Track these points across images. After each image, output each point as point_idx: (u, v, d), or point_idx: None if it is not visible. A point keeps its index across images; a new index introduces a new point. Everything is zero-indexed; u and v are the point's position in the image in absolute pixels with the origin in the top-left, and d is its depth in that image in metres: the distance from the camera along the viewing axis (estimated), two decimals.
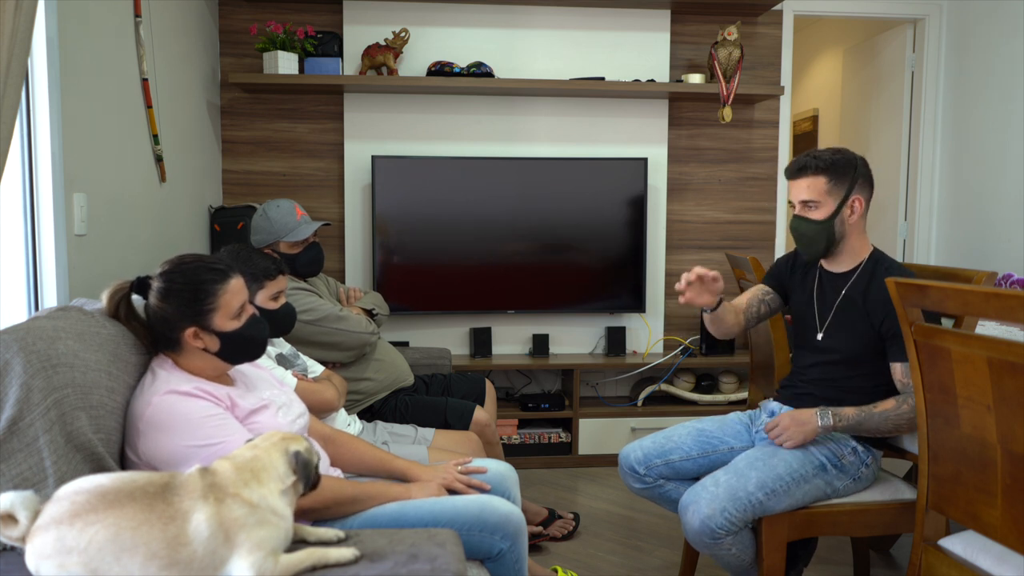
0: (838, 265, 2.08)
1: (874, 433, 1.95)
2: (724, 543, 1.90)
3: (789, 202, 2.06)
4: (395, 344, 3.20)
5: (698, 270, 1.95)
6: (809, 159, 1.99)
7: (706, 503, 1.87)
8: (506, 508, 1.69)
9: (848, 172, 1.98)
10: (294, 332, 2.32)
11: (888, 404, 1.93)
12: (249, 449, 1.31)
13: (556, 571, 2.35)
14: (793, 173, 2.03)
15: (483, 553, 1.66)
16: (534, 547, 2.68)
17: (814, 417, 1.94)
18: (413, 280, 3.64)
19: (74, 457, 1.37)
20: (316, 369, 2.26)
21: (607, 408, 3.68)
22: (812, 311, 2.12)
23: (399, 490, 1.72)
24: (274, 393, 1.70)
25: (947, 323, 1.94)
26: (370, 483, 1.73)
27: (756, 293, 2.26)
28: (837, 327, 2.04)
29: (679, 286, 1.97)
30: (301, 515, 1.50)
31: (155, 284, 1.54)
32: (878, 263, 2.02)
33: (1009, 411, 1.44)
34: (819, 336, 2.08)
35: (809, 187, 1.99)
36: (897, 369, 1.95)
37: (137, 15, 2.59)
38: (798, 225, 2.03)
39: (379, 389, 2.62)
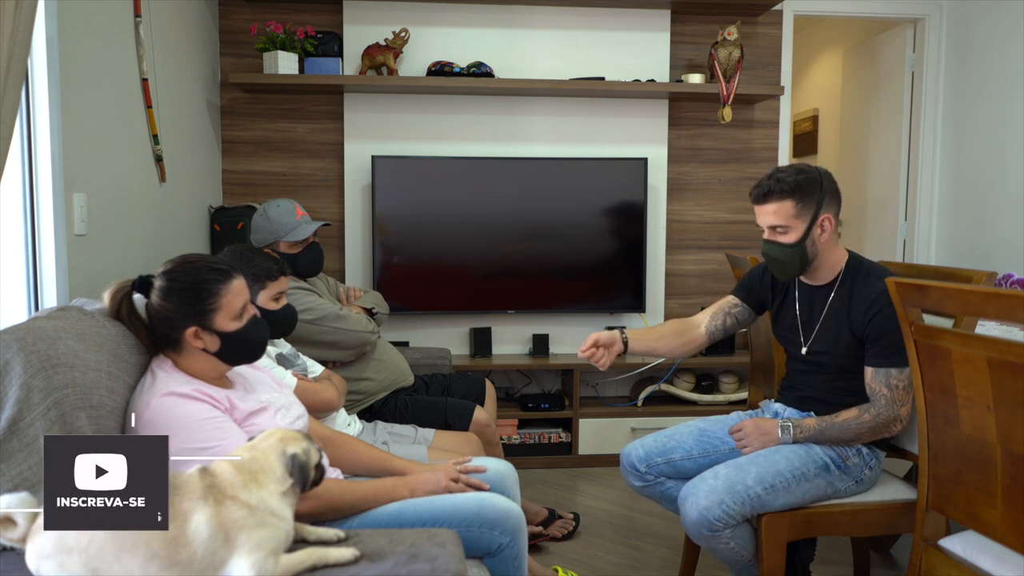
0: (817, 278, 2.05)
1: (836, 442, 1.97)
2: (722, 536, 1.90)
3: (757, 225, 2.00)
4: (395, 344, 3.19)
5: (590, 341, 2.10)
6: (773, 183, 1.92)
7: (704, 495, 1.88)
8: (505, 504, 1.69)
9: (814, 192, 1.92)
10: (294, 331, 2.32)
11: (850, 413, 1.95)
12: (247, 450, 1.31)
13: (556, 571, 2.35)
14: (758, 198, 1.96)
15: (483, 549, 1.65)
16: (534, 547, 2.67)
17: (776, 429, 2.00)
18: (413, 280, 3.64)
19: None
20: (316, 369, 2.26)
21: (607, 408, 3.68)
22: (796, 325, 2.10)
23: (403, 492, 1.71)
24: (273, 395, 1.69)
25: (944, 322, 1.94)
26: (370, 486, 1.71)
27: (723, 305, 2.24)
28: (823, 340, 2.03)
29: (586, 354, 2.10)
30: (299, 518, 1.50)
31: (157, 283, 1.55)
32: (856, 269, 2.00)
33: (1009, 411, 1.44)
34: (803, 351, 2.07)
35: (776, 212, 1.93)
36: (869, 373, 1.94)
37: (137, 15, 2.59)
38: (769, 250, 1.98)
39: (379, 389, 2.61)
